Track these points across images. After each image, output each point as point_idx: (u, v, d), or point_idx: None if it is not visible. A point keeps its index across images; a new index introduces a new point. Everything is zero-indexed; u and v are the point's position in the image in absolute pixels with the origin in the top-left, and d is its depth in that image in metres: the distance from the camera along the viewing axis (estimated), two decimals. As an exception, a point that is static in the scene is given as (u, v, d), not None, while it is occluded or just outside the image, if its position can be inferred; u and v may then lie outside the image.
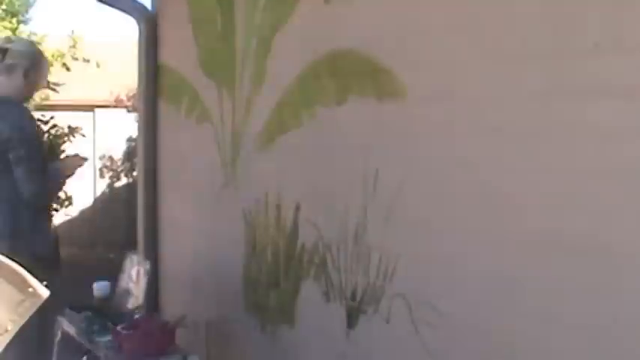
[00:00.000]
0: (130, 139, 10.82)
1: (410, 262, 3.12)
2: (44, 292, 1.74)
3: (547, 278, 2.58)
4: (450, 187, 2.94)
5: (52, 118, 9.41)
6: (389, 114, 3.21)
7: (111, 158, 11.56)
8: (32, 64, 3.88)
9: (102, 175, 11.49)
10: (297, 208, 3.75)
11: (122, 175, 11.38)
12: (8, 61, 3.83)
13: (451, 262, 2.94)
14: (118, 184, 11.52)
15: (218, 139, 4.39)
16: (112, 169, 11.55)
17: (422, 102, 3.06)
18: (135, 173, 6.19)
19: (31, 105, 9.88)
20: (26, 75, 3.85)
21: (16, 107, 3.80)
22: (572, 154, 2.50)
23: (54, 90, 9.84)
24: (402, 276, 3.16)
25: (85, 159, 4.05)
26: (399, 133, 3.18)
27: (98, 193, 11.54)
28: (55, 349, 4.25)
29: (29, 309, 1.72)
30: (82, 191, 10.39)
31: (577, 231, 2.48)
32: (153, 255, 5.06)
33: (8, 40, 3.89)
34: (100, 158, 11.50)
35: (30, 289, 1.72)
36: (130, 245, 5.28)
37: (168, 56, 5.04)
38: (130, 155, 10.84)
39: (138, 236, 5.26)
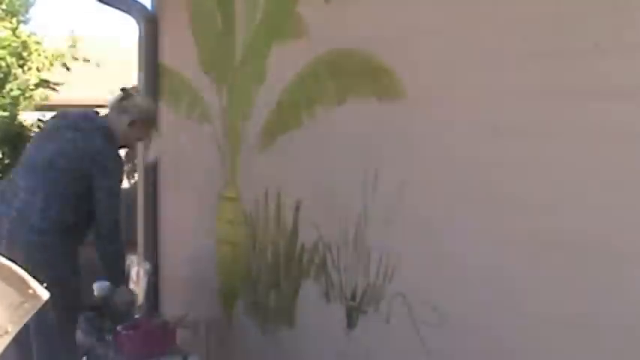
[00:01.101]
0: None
1: (410, 262, 3.12)
2: (44, 294, 1.73)
3: (547, 278, 2.58)
4: (450, 187, 2.94)
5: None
6: (389, 114, 3.21)
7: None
8: (142, 118, 4.10)
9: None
10: (297, 208, 3.74)
11: (124, 176, 11.34)
12: (124, 104, 4.06)
13: (451, 262, 2.94)
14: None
15: (218, 139, 4.39)
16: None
17: (422, 102, 3.06)
18: (136, 174, 6.17)
19: (31, 105, 9.90)
20: (132, 124, 4.05)
21: (109, 138, 3.97)
22: (573, 154, 2.50)
23: (54, 90, 9.85)
24: (402, 276, 3.16)
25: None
26: (399, 133, 3.17)
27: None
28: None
29: (29, 311, 1.72)
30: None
31: (577, 231, 2.48)
32: (153, 255, 5.07)
33: (134, 89, 4.16)
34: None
35: (30, 291, 1.71)
36: (131, 245, 5.28)
37: (168, 56, 5.04)
38: (131, 157, 10.82)
39: (138, 236, 5.26)
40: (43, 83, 10.35)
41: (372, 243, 3.29)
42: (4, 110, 9.42)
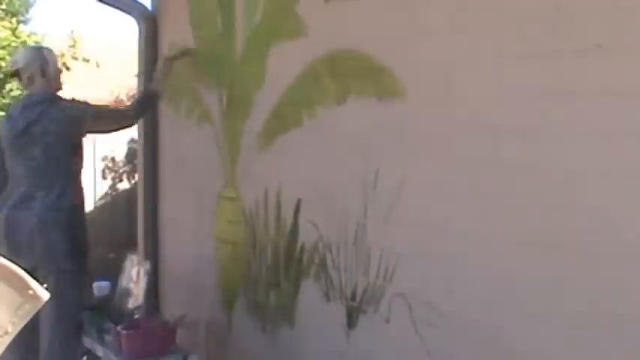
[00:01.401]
0: (131, 141, 10.82)
1: (410, 262, 3.13)
2: (44, 295, 1.73)
3: (547, 278, 2.58)
4: (449, 187, 2.94)
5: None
6: (389, 114, 3.21)
7: (113, 159, 11.54)
8: (40, 63, 4.19)
9: (104, 177, 11.46)
10: (297, 208, 3.74)
11: (124, 176, 11.34)
12: (24, 75, 4.19)
13: (451, 262, 2.94)
14: (119, 185, 11.50)
15: (218, 139, 4.38)
16: (114, 171, 11.52)
17: (422, 102, 3.06)
18: (136, 175, 6.19)
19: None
20: (43, 74, 4.19)
21: (54, 101, 4.15)
22: (572, 154, 2.50)
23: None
24: (402, 276, 3.16)
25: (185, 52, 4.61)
26: (399, 133, 3.18)
27: (99, 194, 11.49)
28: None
29: (29, 312, 1.72)
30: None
31: (578, 230, 2.48)
32: (153, 255, 5.06)
33: (13, 61, 4.31)
34: (103, 159, 11.47)
35: (30, 292, 1.72)
36: (131, 245, 5.28)
37: (168, 56, 5.03)
38: (132, 157, 10.84)
39: (138, 236, 5.25)
40: (43, 83, 10.28)
41: (372, 243, 3.29)
42: (4, 111, 9.39)
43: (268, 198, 3.96)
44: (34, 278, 1.74)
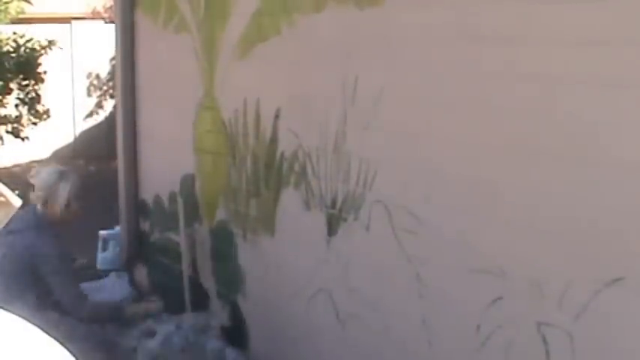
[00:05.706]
0: (113, 58, 10.72)
1: (389, 169, 3.13)
2: (17, 202, 1.73)
3: (524, 183, 2.59)
4: (428, 92, 2.93)
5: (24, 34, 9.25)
6: (367, 20, 3.17)
7: (97, 76, 11.43)
8: (48, 194, 3.99)
9: (89, 94, 11.36)
10: (277, 117, 3.72)
11: (108, 92, 11.25)
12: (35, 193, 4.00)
13: (430, 169, 2.95)
14: (104, 103, 11.43)
15: (196, 48, 4.33)
16: (98, 88, 11.43)
17: (400, 8, 3.02)
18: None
19: (6, 18, 9.74)
20: (44, 204, 3.99)
21: (36, 229, 3.90)
22: (554, 60, 2.48)
23: (28, 2, 9.68)
24: (381, 183, 3.17)
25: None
26: (378, 40, 3.14)
27: (78, 108, 11.40)
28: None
29: (1, 219, 1.72)
30: (61, 105, 10.33)
31: (555, 135, 2.48)
32: (132, 167, 5.05)
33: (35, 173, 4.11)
34: (87, 77, 11.36)
35: (2, 199, 1.71)
36: (111, 159, 5.26)
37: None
38: (114, 74, 10.74)
39: (117, 149, 5.22)
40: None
41: (352, 150, 3.28)
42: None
43: (247, 107, 3.93)
44: None
